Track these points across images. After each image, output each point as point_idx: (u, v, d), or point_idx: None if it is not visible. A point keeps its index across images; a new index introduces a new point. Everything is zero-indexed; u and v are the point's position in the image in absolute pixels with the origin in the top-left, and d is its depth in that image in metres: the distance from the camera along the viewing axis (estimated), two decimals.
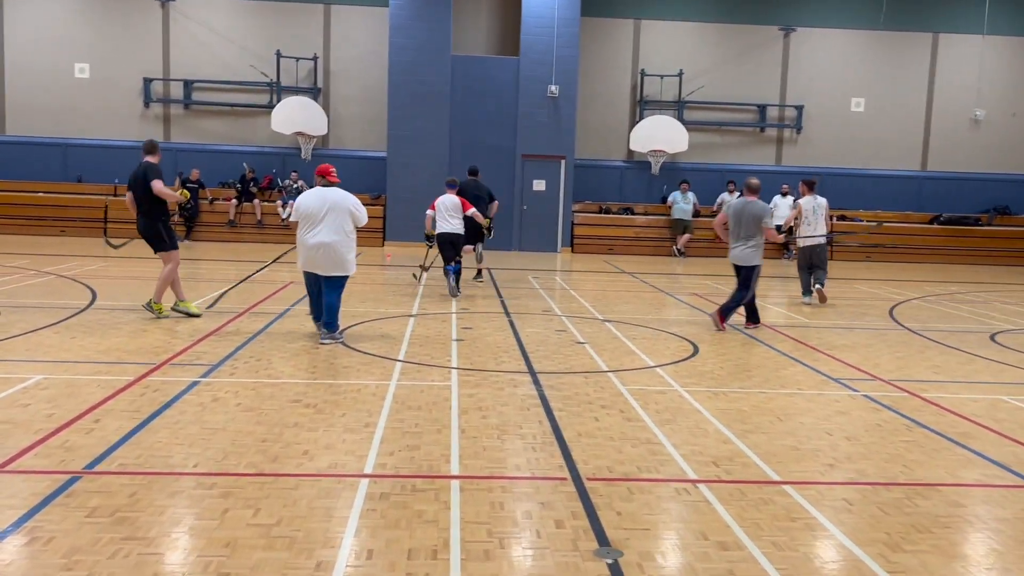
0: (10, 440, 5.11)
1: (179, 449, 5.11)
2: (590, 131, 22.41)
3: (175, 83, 21.39)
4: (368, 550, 3.82)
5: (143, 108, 21.37)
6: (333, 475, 4.78)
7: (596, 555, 3.85)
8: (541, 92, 20.84)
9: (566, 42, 20.78)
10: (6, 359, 7.28)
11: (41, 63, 20.97)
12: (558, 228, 21.45)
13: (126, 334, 8.58)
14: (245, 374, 7.11)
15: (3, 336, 8.18)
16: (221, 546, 3.81)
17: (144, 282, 12.72)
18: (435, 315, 10.66)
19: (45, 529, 3.91)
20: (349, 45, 21.70)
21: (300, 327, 9.36)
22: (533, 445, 5.45)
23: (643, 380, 7.40)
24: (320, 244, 8.49)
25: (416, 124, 20.56)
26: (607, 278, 16.19)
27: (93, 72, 21.18)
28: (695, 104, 22.64)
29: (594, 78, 22.36)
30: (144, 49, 21.25)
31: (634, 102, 22.73)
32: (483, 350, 8.51)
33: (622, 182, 22.89)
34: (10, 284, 11.73)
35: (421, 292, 12.78)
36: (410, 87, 20.43)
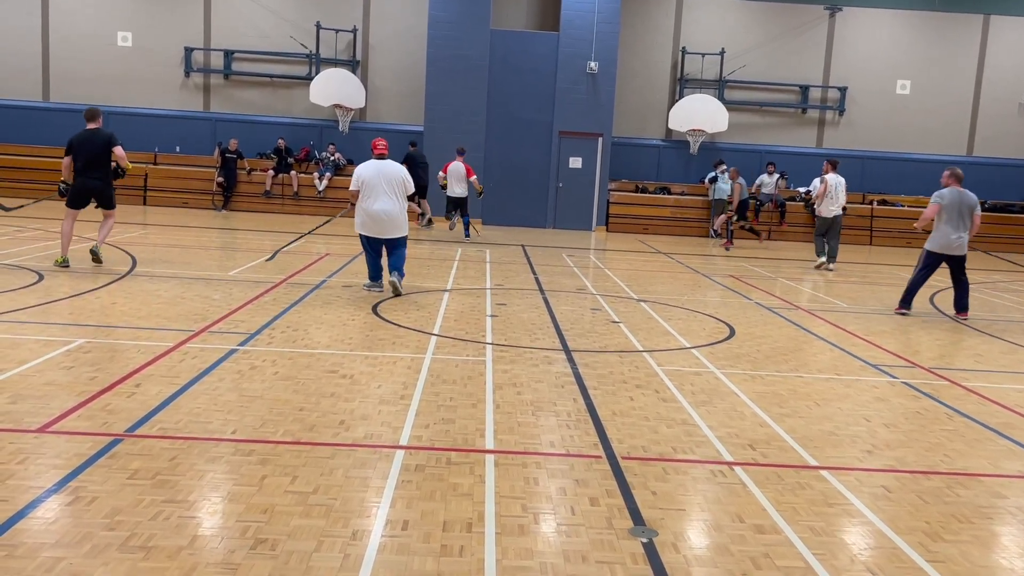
0: (54, 402, 5.21)
1: (218, 415, 5.18)
2: (628, 109, 22.20)
3: (215, 53, 21.49)
4: (403, 521, 3.84)
5: (183, 77, 21.52)
6: (369, 445, 4.81)
7: (631, 534, 3.84)
8: (580, 68, 20.66)
9: (607, 18, 20.55)
10: (50, 322, 7.41)
11: (84, 31, 21.17)
12: (593, 206, 21.33)
13: (165, 301, 8.69)
14: (282, 343, 7.17)
15: (48, 299, 8.32)
16: (259, 512, 3.85)
17: (183, 250, 12.89)
18: (470, 291, 10.67)
19: (88, 489, 3.97)
20: (389, 18, 21.65)
21: (337, 298, 9.42)
22: (567, 422, 5.44)
23: (678, 361, 7.35)
24: (381, 211, 9.62)
25: (454, 98, 20.50)
26: (642, 258, 16.09)
27: (135, 41, 21.35)
28: (736, 83, 22.33)
29: (634, 55, 22.12)
30: (186, 18, 21.37)
31: (674, 80, 22.47)
32: (517, 326, 8.51)
33: (659, 161, 22.69)
34: (53, 248, 11.91)
35: (456, 267, 12.80)
36: (448, 61, 20.35)
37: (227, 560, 3.39)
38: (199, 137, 21.34)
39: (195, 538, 3.58)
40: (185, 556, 3.40)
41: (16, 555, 3.33)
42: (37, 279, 9.37)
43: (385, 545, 3.60)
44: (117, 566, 3.29)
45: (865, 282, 14.14)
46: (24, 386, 5.48)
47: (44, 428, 4.75)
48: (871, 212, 22.23)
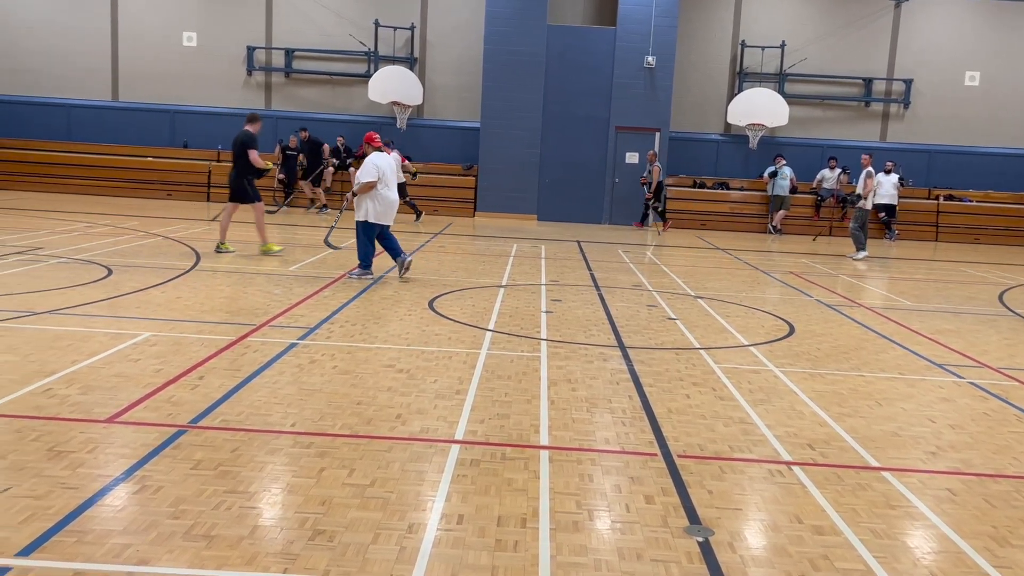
0: (122, 393, 5.37)
1: (278, 408, 5.28)
2: (686, 103, 21.96)
3: (277, 52, 21.87)
4: (459, 515, 3.87)
5: (246, 76, 21.94)
6: (425, 440, 4.86)
7: (686, 532, 3.81)
8: (637, 63, 20.50)
9: (665, 12, 20.36)
10: (118, 315, 7.64)
11: (151, 32, 21.72)
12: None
13: (227, 295, 8.88)
14: (340, 338, 7.28)
15: (115, 294, 8.58)
16: (317, 504, 3.92)
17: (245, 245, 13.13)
18: (524, 286, 10.68)
19: (154, 479, 4.09)
20: (446, 14, 21.75)
21: (394, 293, 9.52)
22: (623, 419, 5.42)
23: (736, 358, 7.26)
24: (395, 199, 10.44)
25: (510, 94, 20.53)
26: (699, 254, 15.91)
27: (200, 41, 21.84)
28: (797, 77, 21.93)
29: (692, 49, 21.88)
30: (248, 18, 21.77)
31: (733, 74, 22.16)
32: (572, 323, 8.49)
33: (718, 156, 22.41)
34: (121, 244, 12.27)
35: (511, 263, 12.82)
36: (505, 57, 20.38)
37: (286, 551, 3.46)
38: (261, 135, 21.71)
39: (255, 528, 3.66)
40: (246, 546, 3.48)
41: (86, 541, 3.44)
42: (106, 274, 9.66)
43: (440, 539, 3.64)
44: (181, 554, 3.38)
45: (930, 279, 13.78)
46: (94, 377, 5.66)
47: (113, 418, 4.91)
48: (937, 208, 21.65)
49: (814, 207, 21.21)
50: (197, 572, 3.25)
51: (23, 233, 12.79)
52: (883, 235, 20.26)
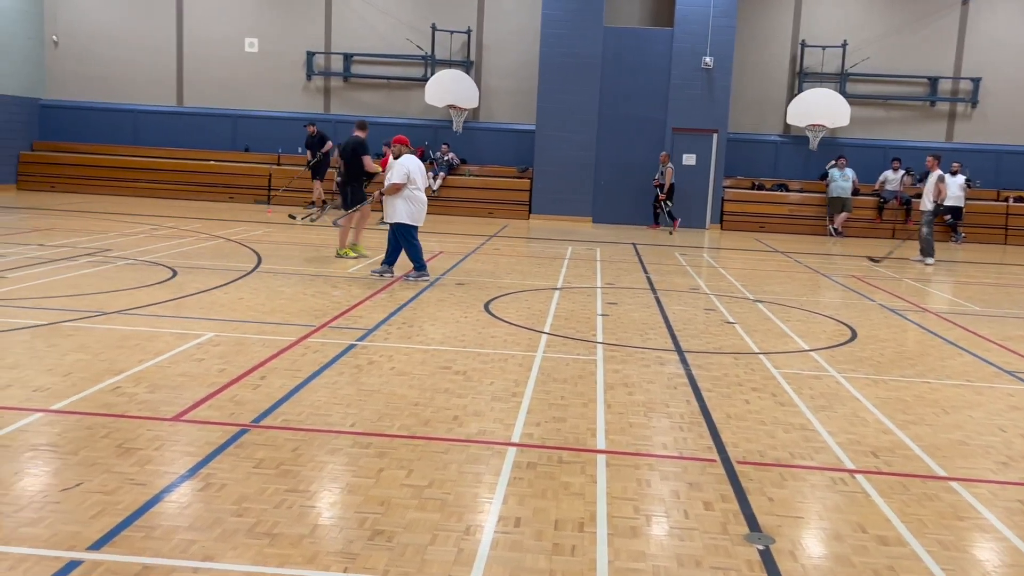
0: (187, 392, 5.49)
1: (337, 408, 5.35)
2: (744, 104, 21.67)
3: (336, 56, 22.16)
4: (516, 518, 3.88)
5: (306, 81, 22.28)
6: (481, 442, 4.88)
7: (747, 540, 3.76)
8: (695, 64, 20.30)
9: (723, 12, 20.12)
10: (182, 316, 7.82)
11: (215, 39, 22.20)
12: (707, 204, 20.93)
13: (288, 297, 9.03)
14: (398, 339, 7.35)
15: (180, 295, 8.79)
16: (376, 504, 3.96)
17: (305, 247, 13.35)
18: (580, 289, 10.66)
19: (217, 476, 4.18)
20: (503, 18, 21.82)
21: (450, 296, 9.58)
22: (680, 424, 5.37)
23: (796, 363, 7.14)
24: (425, 201, 10.66)
25: (566, 97, 20.49)
26: (758, 256, 15.69)
27: (262, 46, 22.24)
28: (859, 76, 21.47)
29: (751, 49, 21.57)
30: (308, 24, 22.11)
31: (792, 74, 21.79)
32: (628, 326, 8.44)
33: (777, 157, 22.05)
34: (185, 246, 12.57)
35: (566, 266, 12.79)
36: (561, 59, 20.35)
37: (346, 550, 3.51)
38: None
39: (316, 527, 3.71)
40: (307, 544, 3.54)
41: (154, 536, 3.53)
42: (171, 275, 9.90)
43: (498, 541, 3.65)
44: (245, 551, 3.45)
45: (999, 284, 13.37)
46: (160, 376, 5.81)
47: (178, 417, 5.03)
48: (1006, 209, 20.99)
49: (876, 209, 20.75)
50: (260, 569, 3.31)
51: (93, 235, 13.18)
52: (949, 238, 19.73)
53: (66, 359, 6.11)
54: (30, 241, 12.17)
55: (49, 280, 9.19)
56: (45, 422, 4.84)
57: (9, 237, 12.52)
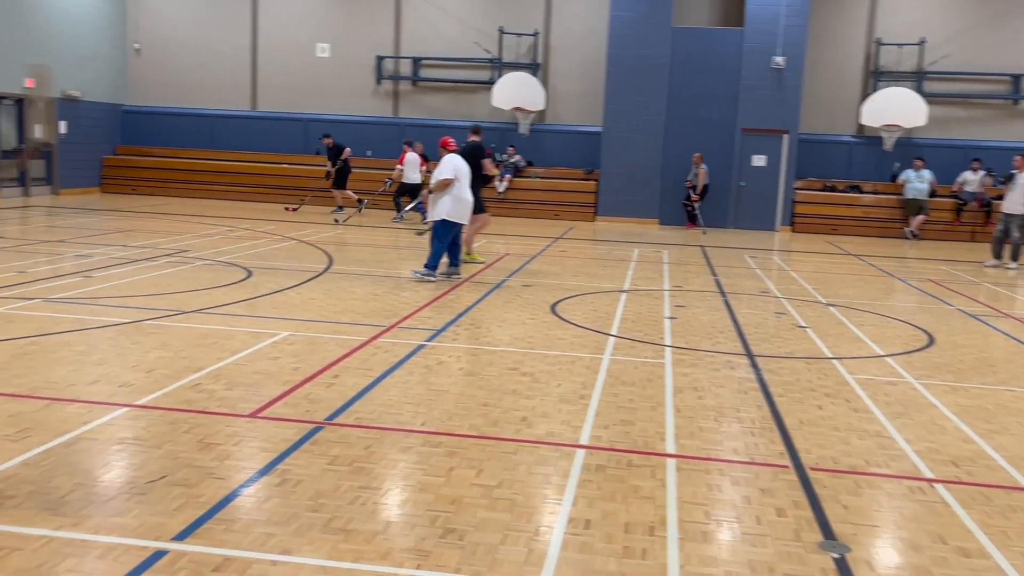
0: (263, 389, 5.64)
1: (408, 408, 5.43)
2: (816, 104, 21.24)
3: (404, 60, 22.44)
4: (585, 520, 3.89)
5: (375, 85, 22.61)
6: (550, 443, 4.90)
7: (821, 548, 3.70)
8: (765, 64, 19.98)
9: (795, 11, 19.76)
10: (258, 315, 8.03)
11: (288, 45, 22.69)
12: (777, 206, 20.58)
13: (359, 297, 9.19)
14: (466, 340, 7.41)
15: (255, 295, 9.02)
16: (447, 503, 4.01)
17: (375, 249, 13.54)
18: (647, 292, 10.59)
19: (293, 472, 4.28)
20: (570, 20, 21.80)
21: (516, 297, 9.62)
22: (752, 430, 5.31)
23: (871, 369, 6.98)
24: (469, 199, 10.55)
25: (633, 98, 20.38)
26: (830, 259, 15.36)
27: (333, 52, 22.66)
28: (937, 75, 20.84)
29: (823, 48, 21.14)
30: (378, 28, 22.44)
31: (867, 73, 21.28)
32: (697, 329, 8.36)
33: (850, 158, 21.56)
34: (259, 247, 12.89)
35: (633, 268, 12.73)
36: (629, 61, 20.25)
37: (418, 547, 3.56)
38: (388, 141, 22.35)
39: (389, 524, 3.78)
40: (380, 541, 3.60)
41: (233, 529, 3.64)
42: (246, 275, 10.16)
43: (568, 543, 3.66)
44: (320, 545, 3.53)
45: None
46: (237, 374, 5.98)
47: (255, 414, 5.17)
48: None
49: (955, 212, 20.12)
50: (335, 564, 3.39)
51: (172, 236, 13.61)
52: None
53: (149, 356, 6.33)
54: (113, 242, 12.62)
55: (131, 280, 9.52)
56: (130, 416, 5.02)
57: (94, 238, 13.01)
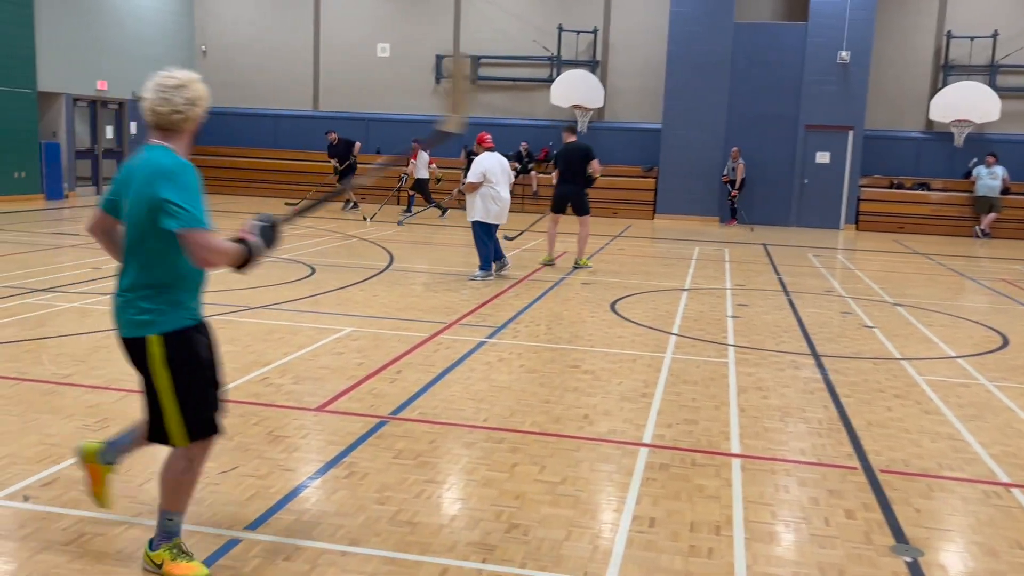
0: (329, 384, 5.74)
1: (470, 403, 5.47)
2: (883, 100, 20.76)
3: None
4: (650, 518, 3.87)
5: (435, 84, 22.79)
6: (613, 441, 4.89)
7: (892, 551, 3.63)
8: (830, 59, 19.60)
9: (861, 4, 19.34)
10: (322, 311, 8.16)
11: (349, 45, 23.00)
12: (842, 203, 20.18)
13: (419, 294, 9.28)
14: (526, 337, 7.44)
15: (319, 291, 9.17)
16: (511, 498, 4.03)
17: (434, 247, 13.65)
18: (708, 290, 10.48)
19: (360, 466, 4.35)
20: (629, 16, 21.68)
21: (576, 295, 9.61)
22: (818, 430, 5.22)
23: (942, 370, 6.81)
24: (507, 199, 10.46)
25: (693, 95, 20.18)
26: (897, 258, 15.01)
27: (393, 51, 22.90)
28: (1011, 68, 20.20)
29: (890, 42, 20.64)
30: (437, 28, 22.60)
31: (936, 67, 20.72)
32: (761, 328, 8.25)
33: (918, 154, 21.02)
34: (322, 245, 13.10)
35: (693, 266, 12.61)
36: (689, 57, 20.06)
37: (484, 541, 3.59)
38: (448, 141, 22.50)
39: (454, 518, 3.82)
40: (446, 534, 3.64)
41: (303, 520, 3.72)
42: (310, 272, 10.34)
43: (633, 540, 3.65)
44: (388, 537, 3.58)
45: None
46: (303, 369, 6.09)
47: (321, 407, 5.26)
48: None
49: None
50: (403, 556, 3.44)
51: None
52: None
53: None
54: None
55: None
56: None
57: None
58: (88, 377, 5.68)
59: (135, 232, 3.09)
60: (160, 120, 3.11)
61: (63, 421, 4.82)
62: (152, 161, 3.07)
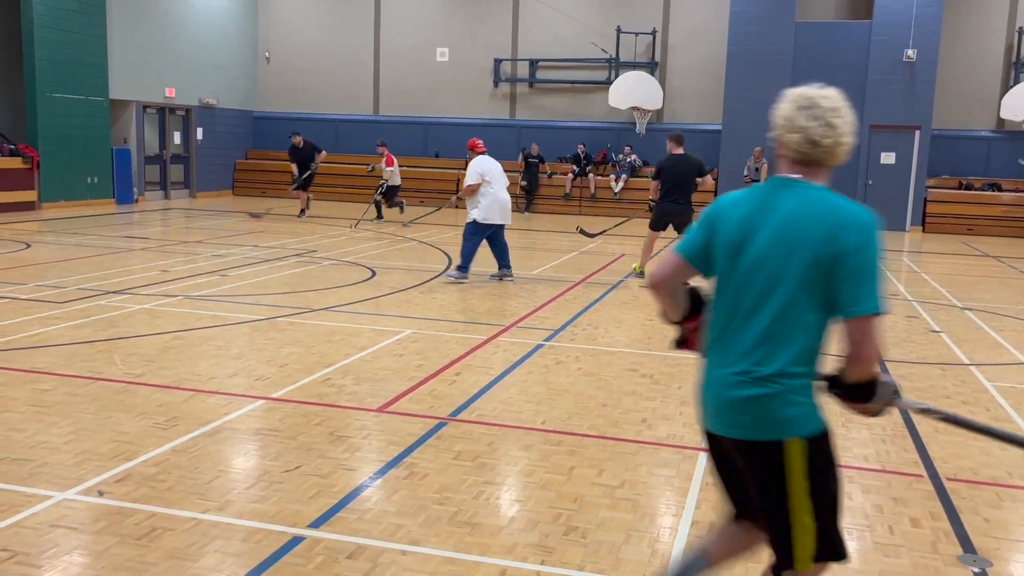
0: (389, 385, 5.83)
1: (528, 406, 5.50)
2: (951, 98, 20.21)
3: (521, 63, 22.64)
4: (709, 523, 3.85)
5: (492, 87, 22.90)
6: (672, 445, 4.87)
7: (960, 561, 3.55)
8: (895, 57, 19.17)
9: (928, 1, 18.88)
10: (382, 314, 8.28)
11: (409, 50, 23.26)
12: (907, 205, 19.71)
13: (477, 297, 9.35)
14: (584, 340, 7.44)
15: (379, 294, 9.30)
16: (569, 500, 4.05)
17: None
18: None
19: (420, 466, 4.41)
20: (688, 17, 21.51)
21: (634, 298, 9.57)
22: (882, 437, 5.13)
23: (1013, 377, 6.61)
24: (508, 199, 10.40)
25: (754, 95, 19.91)
26: (966, 261, 14.60)
27: (452, 55, 23.09)
28: None
29: (958, 39, 20.10)
30: (495, 32, 22.72)
31: (1008, 65, 20.10)
32: None
33: (988, 154, 20.42)
34: (382, 248, 13.27)
35: None
36: (749, 57, 19.81)
37: (542, 543, 3.61)
38: (505, 143, 22.59)
39: (513, 519, 3.85)
40: (505, 535, 3.68)
41: (365, 519, 3.79)
42: (370, 275, 10.49)
43: (692, 545, 3.64)
44: (447, 537, 3.63)
45: None
46: (364, 370, 6.19)
47: (382, 408, 5.35)
48: None
49: None
50: (462, 556, 3.48)
51: (301, 237, 14.18)
52: None
53: (282, 351, 6.64)
54: (246, 242, 13.25)
55: (264, 278, 9.98)
56: (266, 408, 5.29)
57: (229, 239, 13.69)
58: (158, 377, 5.86)
59: (785, 297, 2.39)
60: (815, 154, 2.47)
61: (135, 419, 4.98)
62: (833, 207, 2.39)
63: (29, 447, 4.50)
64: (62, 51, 17.51)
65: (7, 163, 16.74)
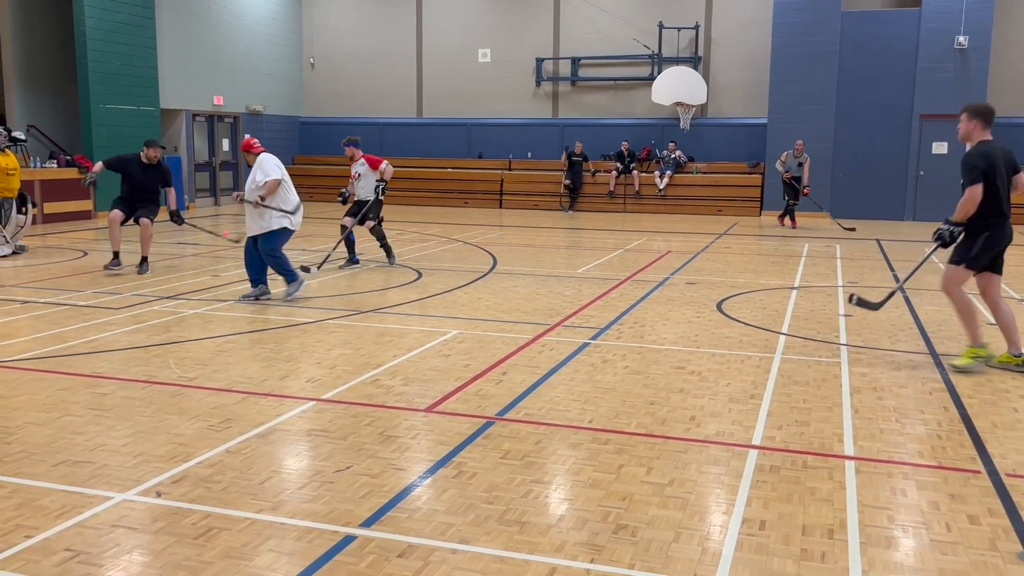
0: (436, 385, 5.87)
1: (575, 405, 5.50)
2: (1005, 85, 19.69)
3: (563, 61, 22.61)
4: (761, 521, 3.82)
5: (535, 87, 22.90)
6: (721, 443, 4.83)
7: (1020, 559, 3.47)
8: (946, 44, 18.75)
9: None
10: (428, 314, 8.34)
11: (451, 52, 23.37)
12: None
13: (522, 297, 9.36)
14: (630, 339, 7.41)
15: (425, 295, 9.37)
16: (618, 499, 4.04)
17: (536, 249, 13.71)
18: (819, 288, 10.19)
19: (468, 465, 4.44)
20: (732, 10, 21.27)
21: (680, 295, 9.51)
22: (938, 432, 5.02)
23: None
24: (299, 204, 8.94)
25: (800, 87, 19.65)
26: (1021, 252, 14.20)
27: (493, 56, 23.15)
28: None
29: (1011, 24, 19.57)
30: (537, 31, 22.73)
31: None
32: (875, 327, 7.98)
33: None
34: (427, 249, 13.37)
35: (803, 264, 12.27)
36: (795, 49, 19.54)
37: (591, 541, 3.61)
38: (548, 142, 22.61)
39: (562, 518, 3.85)
40: (554, 534, 3.68)
41: (415, 518, 3.82)
42: (416, 276, 10.57)
43: (743, 543, 3.61)
44: (497, 536, 3.65)
45: None
46: (412, 371, 6.25)
47: (430, 408, 5.39)
48: None
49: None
50: (512, 555, 3.49)
51: None
52: None
53: (331, 353, 6.73)
54: (294, 247, 13.41)
55: (312, 282, 10.11)
56: (317, 409, 5.36)
57: None
58: (211, 380, 5.97)
59: None
60: None
61: (190, 422, 5.09)
62: None
63: (89, 450, 4.62)
64: (114, 63, 17.93)
65: (64, 173, 17.19)
